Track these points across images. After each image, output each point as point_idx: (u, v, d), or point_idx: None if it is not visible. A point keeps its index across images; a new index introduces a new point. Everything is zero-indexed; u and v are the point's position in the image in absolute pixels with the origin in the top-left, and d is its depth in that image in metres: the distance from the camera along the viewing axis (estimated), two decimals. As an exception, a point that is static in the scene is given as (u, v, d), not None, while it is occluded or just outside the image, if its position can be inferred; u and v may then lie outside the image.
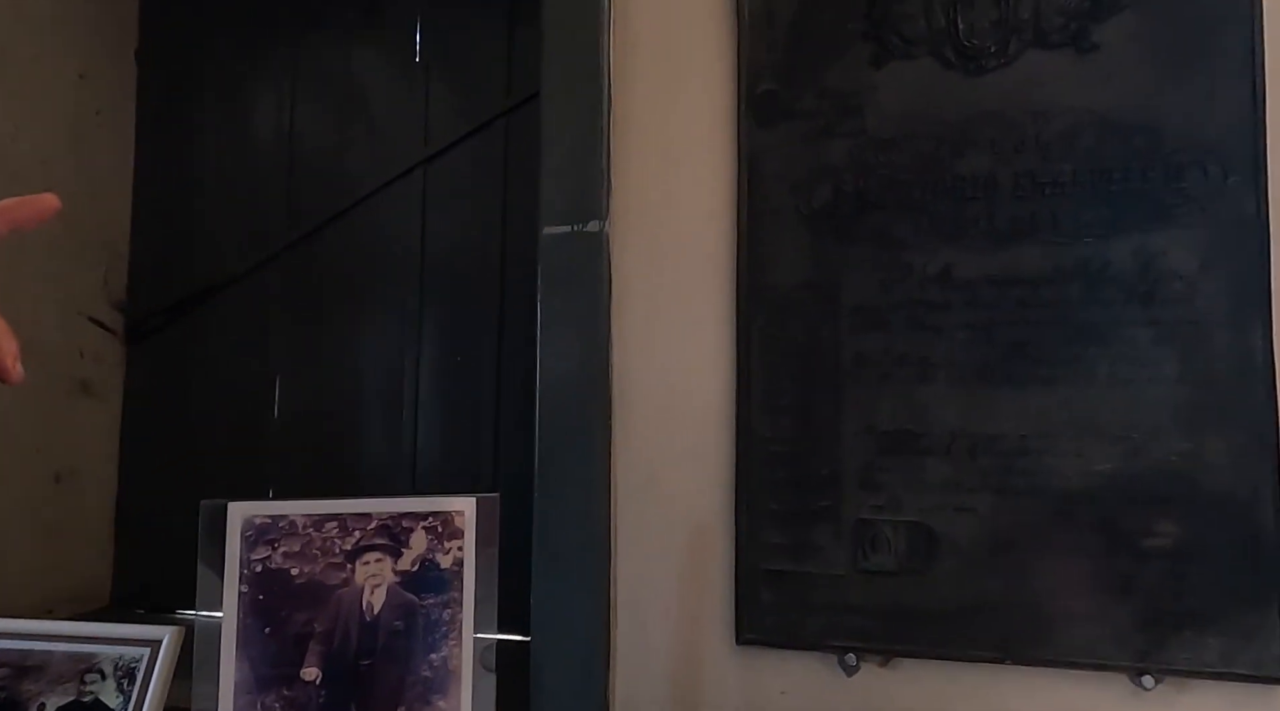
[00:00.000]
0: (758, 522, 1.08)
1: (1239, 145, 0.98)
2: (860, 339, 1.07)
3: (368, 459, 1.57)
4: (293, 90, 1.69)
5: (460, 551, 1.00)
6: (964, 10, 1.07)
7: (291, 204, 1.67)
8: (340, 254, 1.64)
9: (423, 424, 1.55)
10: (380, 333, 1.61)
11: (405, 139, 1.62)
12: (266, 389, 1.64)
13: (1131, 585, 0.96)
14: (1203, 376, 0.97)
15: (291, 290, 1.66)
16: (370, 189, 1.63)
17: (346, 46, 1.67)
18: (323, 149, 1.67)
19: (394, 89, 1.64)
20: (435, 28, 1.63)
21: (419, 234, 1.61)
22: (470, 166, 1.59)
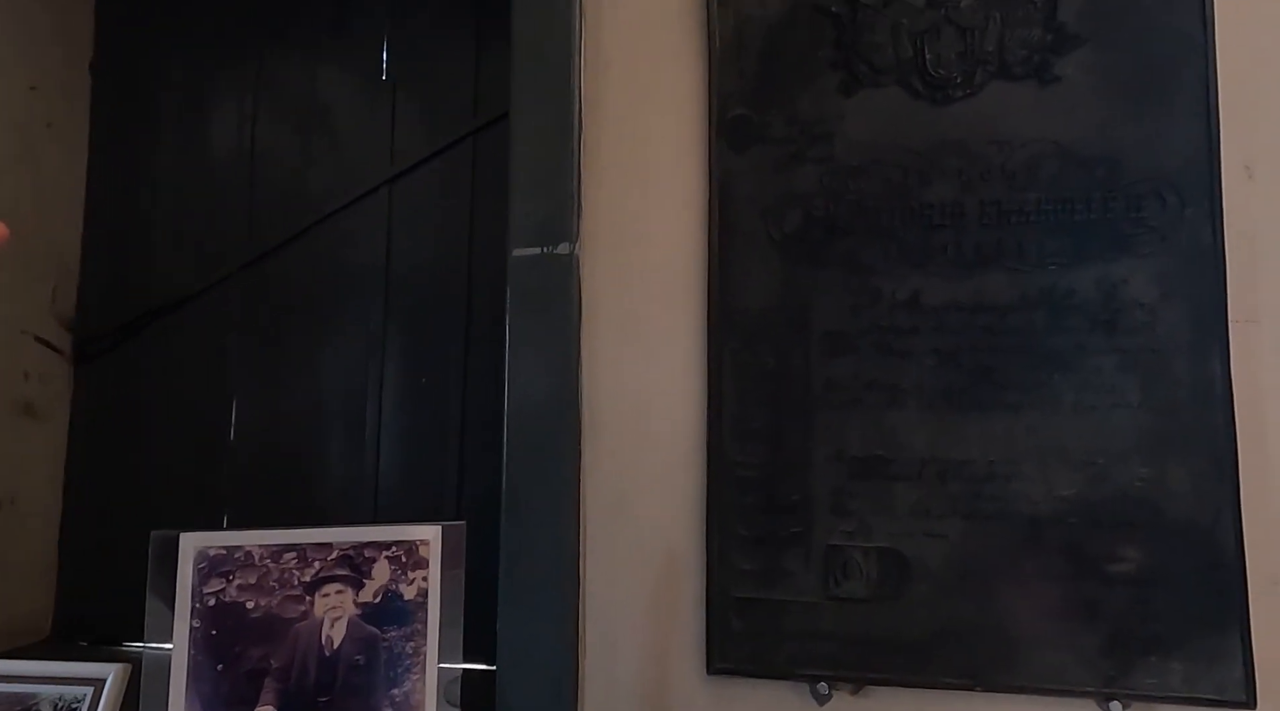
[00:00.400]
0: (728, 549, 1.06)
1: (1195, 177, 1.01)
2: (831, 364, 1.07)
3: (328, 484, 1.53)
4: (254, 105, 1.65)
5: (425, 582, 0.98)
6: (931, 41, 1.08)
7: (252, 221, 1.63)
8: (302, 273, 1.60)
9: (385, 447, 1.52)
10: (342, 354, 1.57)
11: (370, 157, 1.60)
12: (222, 411, 1.59)
13: (1098, 610, 0.97)
14: (1164, 403, 0.99)
15: (250, 309, 1.61)
16: (334, 207, 1.59)
17: (311, 62, 1.65)
18: (285, 166, 1.64)
19: (359, 106, 1.62)
20: (402, 45, 1.61)
21: (384, 253, 1.58)
22: (437, 186, 1.57)
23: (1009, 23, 1.07)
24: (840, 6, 1.11)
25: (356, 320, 1.57)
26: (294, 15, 1.65)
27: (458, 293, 1.52)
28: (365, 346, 1.56)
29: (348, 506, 1.50)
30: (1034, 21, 1.06)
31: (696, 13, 1.15)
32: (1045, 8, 1.06)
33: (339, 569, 0.95)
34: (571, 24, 1.18)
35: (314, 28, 1.65)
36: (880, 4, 1.10)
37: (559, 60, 1.18)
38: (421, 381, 1.54)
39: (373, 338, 1.56)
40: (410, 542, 0.98)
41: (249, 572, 0.93)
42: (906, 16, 1.09)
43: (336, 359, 1.57)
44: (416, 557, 0.98)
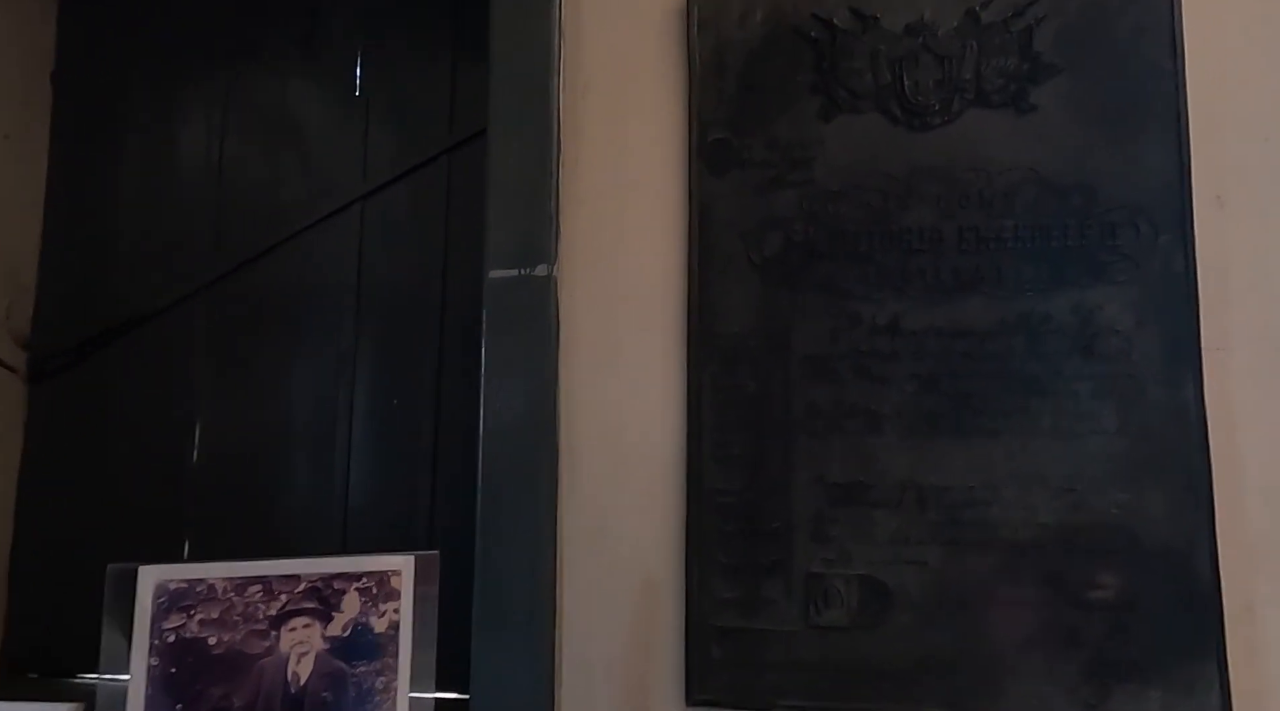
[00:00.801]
0: (708, 576, 1.05)
1: (1168, 205, 1.03)
2: (811, 388, 1.06)
3: (294, 508, 1.48)
4: (223, 120, 1.62)
5: (396, 614, 0.95)
6: (909, 68, 1.09)
7: (218, 237, 1.59)
8: (270, 291, 1.57)
9: (355, 471, 1.48)
10: (310, 374, 1.53)
11: (342, 173, 1.57)
12: (185, 433, 1.54)
13: (1077, 638, 0.97)
14: (1140, 429, 0.99)
15: (215, 328, 1.57)
16: (304, 224, 1.56)
17: (282, 77, 1.62)
18: (254, 181, 1.60)
19: (332, 122, 1.59)
20: (376, 61, 1.59)
21: (355, 271, 1.55)
22: (410, 203, 1.54)
23: (986, 51, 1.08)
24: (820, 32, 1.11)
25: (326, 340, 1.53)
26: (265, 29, 1.62)
27: (431, 313, 1.50)
28: (335, 367, 1.52)
29: (315, 532, 1.45)
30: (1010, 50, 1.07)
31: (677, 35, 1.15)
32: (1021, 37, 1.07)
33: (306, 602, 0.92)
34: (551, 44, 1.17)
35: (285, 42, 1.62)
36: (859, 30, 1.11)
37: (538, 80, 1.17)
38: (393, 403, 1.51)
39: (343, 358, 1.52)
40: (381, 573, 0.96)
41: (211, 607, 0.89)
42: (885, 43, 1.10)
43: (305, 379, 1.53)
44: (388, 589, 0.95)
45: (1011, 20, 1.07)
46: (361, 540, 1.43)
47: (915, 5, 1.10)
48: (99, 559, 0.90)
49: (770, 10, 1.13)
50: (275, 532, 1.48)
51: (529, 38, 1.18)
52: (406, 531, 1.42)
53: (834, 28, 1.11)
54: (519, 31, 1.18)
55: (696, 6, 1.14)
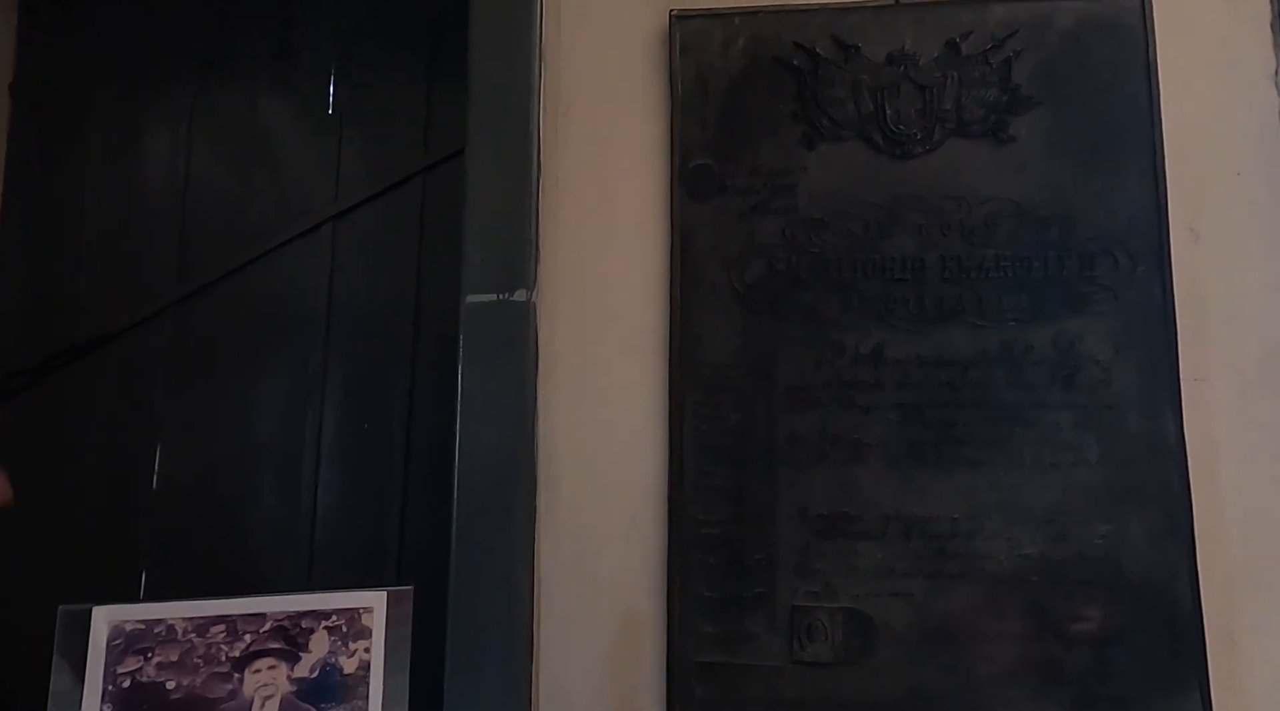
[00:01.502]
0: (690, 610, 1.02)
1: (1144, 237, 1.04)
2: (794, 418, 1.05)
3: (258, 537, 1.43)
4: (189, 135, 1.58)
5: (367, 653, 0.91)
6: (890, 98, 1.09)
7: (184, 255, 1.54)
8: (237, 311, 1.52)
9: (323, 499, 1.43)
10: (278, 397, 1.49)
11: (314, 192, 1.53)
12: (145, 457, 1.48)
13: (1062, 671, 0.96)
14: (1121, 460, 1.00)
15: (179, 349, 1.52)
16: (274, 243, 1.52)
17: (252, 92, 1.58)
18: (221, 198, 1.56)
19: (303, 139, 1.56)
20: (350, 78, 1.56)
21: (326, 292, 1.51)
22: (384, 224, 1.51)
23: (966, 82, 1.08)
24: (802, 60, 1.11)
25: (294, 362, 1.49)
26: (234, 43, 1.59)
27: (404, 336, 1.46)
28: (303, 390, 1.48)
29: (280, 562, 1.40)
30: (990, 82, 1.08)
31: (658, 61, 1.14)
32: (1000, 69, 1.08)
33: (272, 642, 0.88)
34: (531, 66, 1.16)
35: (256, 57, 1.59)
36: (841, 60, 1.11)
37: (518, 102, 1.16)
38: (364, 427, 1.47)
39: (311, 381, 1.48)
40: (352, 611, 0.92)
41: (170, 649, 0.85)
42: (867, 73, 1.10)
43: (271, 403, 1.49)
44: (359, 627, 0.91)
45: (991, 52, 1.08)
46: (329, 571, 1.38)
47: (896, 35, 1.10)
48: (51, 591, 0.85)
49: (752, 37, 1.12)
50: (238, 562, 1.42)
51: (509, 60, 1.16)
52: (376, 563, 1.38)
53: (816, 56, 1.11)
54: (499, 53, 1.17)
55: (679, 32, 1.13)
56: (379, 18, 1.56)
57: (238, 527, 1.44)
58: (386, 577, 1.36)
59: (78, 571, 1.42)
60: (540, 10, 1.17)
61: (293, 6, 1.59)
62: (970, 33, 1.09)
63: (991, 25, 1.09)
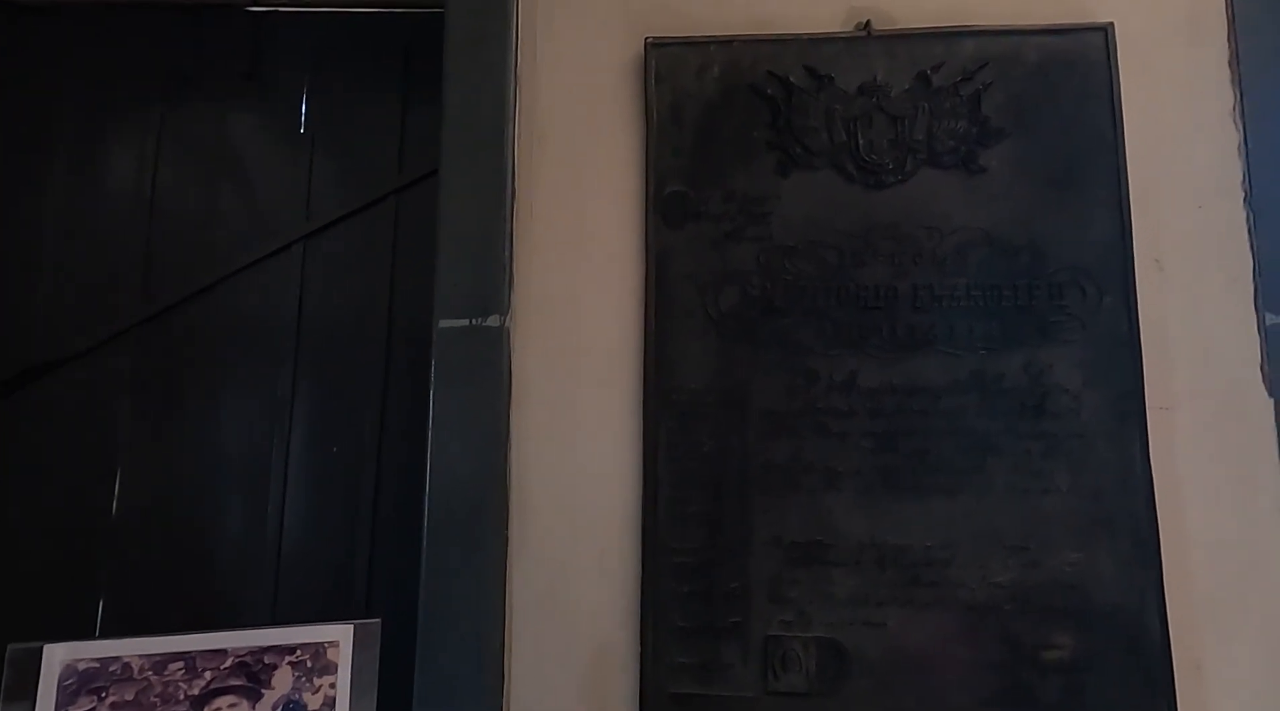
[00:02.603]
0: (664, 640, 1.01)
1: (1110, 268, 1.06)
2: (768, 446, 1.05)
3: (222, 564, 1.40)
4: (156, 153, 1.55)
5: (333, 689, 0.89)
6: (863, 127, 1.10)
7: (149, 275, 1.51)
8: (203, 332, 1.49)
9: (290, 525, 1.40)
10: (244, 420, 1.46)
11: (284, 212, 1.51)
12: (104, 483, 1.44)
13: (1034, 699, 0.97)
14: (1090, 488, 1.01)
15: (141, 371, 1.48)
16: (242, 263, 1.50)
17: (221, 111, 1.56)
18: (188, 217, 1.53)
19: (274, 158, 1.54)
20: (322, 97, 1.55)
21: (295, 314, 1.49)
22: (356, 245, 1.50)
23: (937, 113, 1.10)
24: (775, 89, 1.12)
25: (262, 385, 1.46)
26: (204, 61, 1.57)
27: (375, 359, 1.44)
28: (270, 413, 1.45)
29: (245, 592, 1.37)
30: (960, 114, 1.10)
31: (634, 88, 1.14)
32: (970, 101, 1.10)
33: (233, 679, 0.85)
34: (506, 90, 1.16)
35: (226, 75, 1.57)
36: (814, 89, 1.12)
37: (492, 126, 1.15)
38: (333, 452, 1.44)
39: (279, 404, 1.45)
40: (317, 645, 0.90)
41: (126, 688, 0.82)
42: (839, 103, 1.11)
43: (238, 426, 1.45)
44: (324, 662, 0.89)
45: (961, 84, 1.10)
46: (295, 600, 1.35)
47: (868, 66, 1.12)
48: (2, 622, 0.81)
49: (727, 66, 1.13)
50: (201, 591, 1.38)
51: (483, 84, 1.16)
52: (345, 592, 1.35)
53: (790, 85, 1.12)
54: (473, 77, 1.16)
55: (654, 59, 1.13)
56: (352, 38, 1.55)
57: (201, 555, 1.40)
58: (355, 607, 1.33)
59: (30, 601, 1.37)
60: (516, 35, 1.17)
61: (264, 25, 1.57)
62: (941, 65, 1.11)
63: (962, 58, 1.10)
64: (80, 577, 1.39)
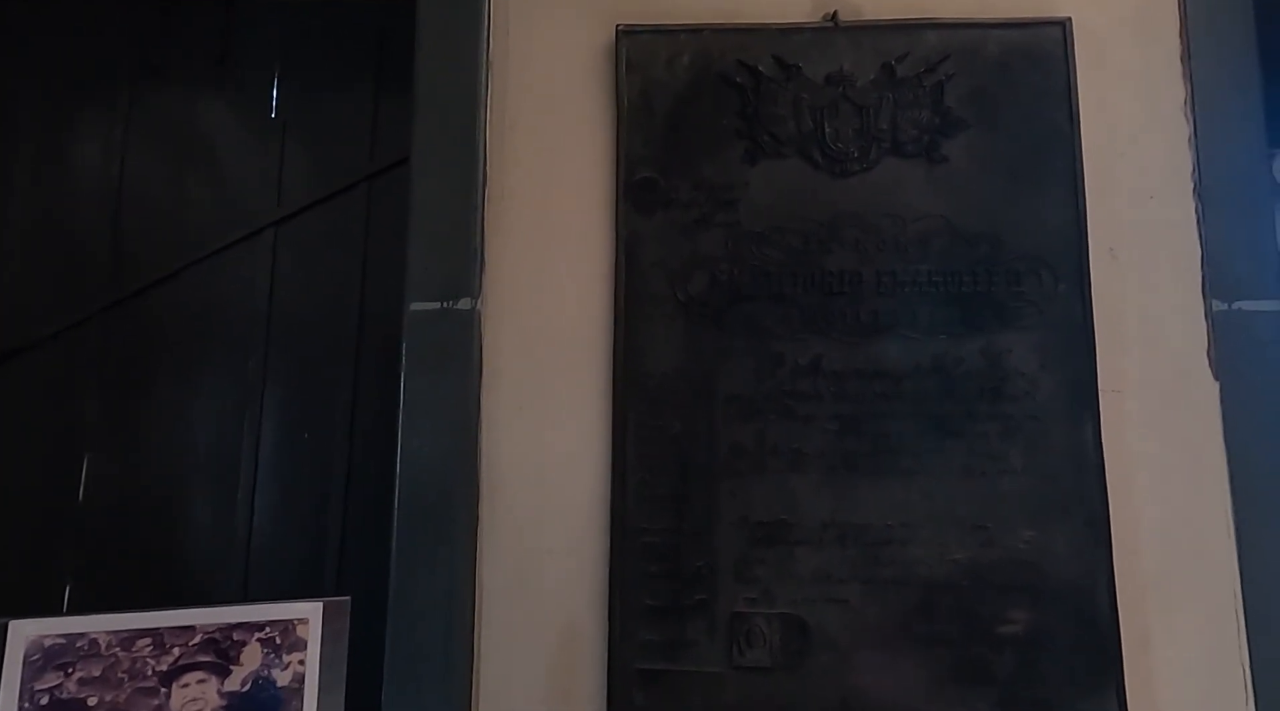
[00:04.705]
0: (631, 619, 1.03)
1: (1067, 255, 1.09)
2: (735, 428, 1.07)
3: (191, 550, 1.39)
4: (124, 138, 1.53)
5: (302, 665, 0.89)
6: (830, 116, 1.13)
7: (117, 260, 1.50)
8: (172, 318, 1.48)
9: (260, 510, 1.40)
10: (214, 406, 1.45)
11: (255, 197, 1.51)
12: (71, 468, 1.43)
13: (989, 673, 1.00)
14: (1045, 469, 1.04)
15: (109, 356, 1.47)
16: (212, 248, 1.49)
17: (191, 96, 1.55)
18: (157, 202, 1.52)
19: (245, 144, 1.53)
20: (294, 82, 1.54)
21: (266, 299, 1.48)
22: (327, 231, 1.49)
23: (901, 104, 1.12)
24: (745, 78, 1.14)
25: (232, 370, 1.46)
26: (173, 45, 1.55)
27: (346, 344, 1.44)
28: (241, 399, 1.44)
29: (214, 578, 1.37)
30: (923, 104, 1.12)
31: (605, 75, 1.15)
32: (933, 92, 1.12)
33: (202, 655, 0.86)
34: (478, 77, 1.16)
35: (196, 59, 1.56)
36: (782, 79, 1.14)
37: (464, 112, 1.16)
38: (304, 437, 1.44)
39: (250, 390, 1.45)
40: (286, 622, 0.90)
41: (93, 664, 0.82)
42: (807, 92, 1.14)
43: (208, 412, 1.45)
44: (293, 639, 0.90)
45: (924, 75, 1.13)
46: (265, 585, 1.35)
47: (835, 57, 1.14)
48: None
49: (697, 55, 1.15)
50: (169, 577, 1.38)
51: (455, 70, 1.16)
52: (315, 576, 1.35)
53: (758, 74, 1.14)
54: (445, 64, 1.17)
55: (625, 47, 1.15)
56: (324, 23, 1.55)
57: (170, 541, 1.40)
58: (325, 591, 1.33)
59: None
60: (488, 22, 1.17)
61: (234, 10, 1.56)
62: (905, 56, 1.13)
63: (925, 50, 1.13)
64: (46, 564, 1.38)
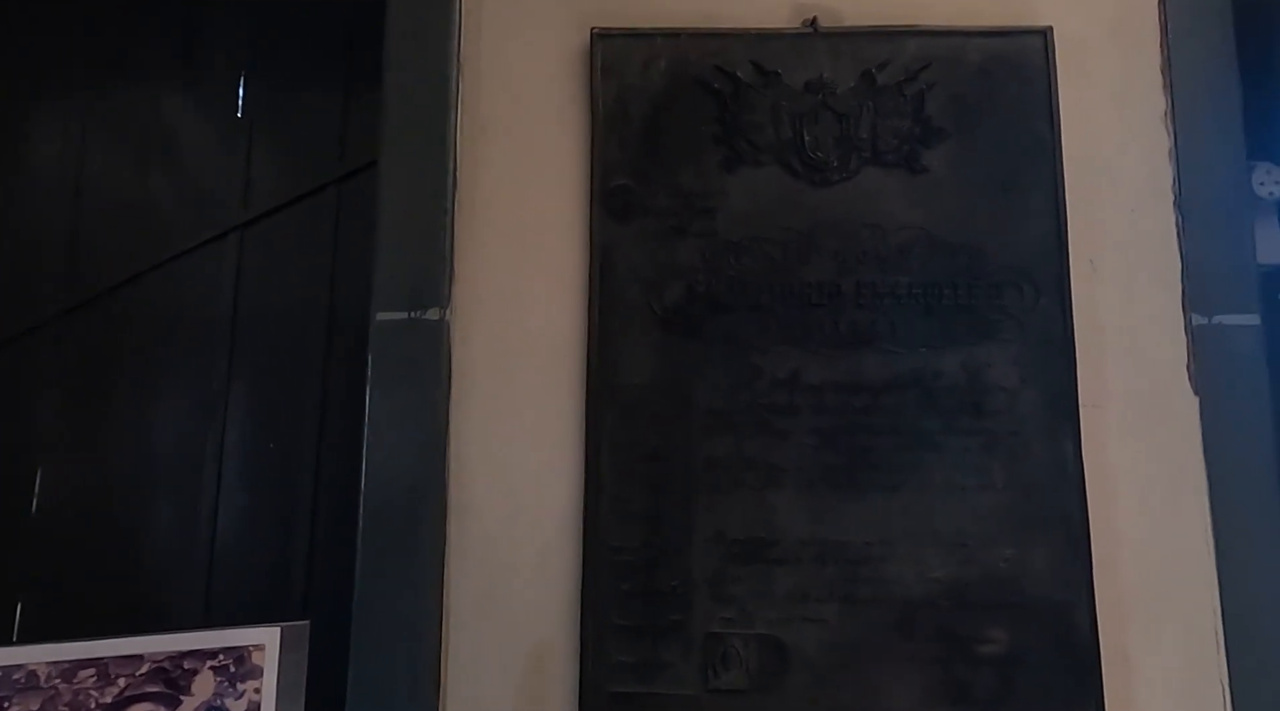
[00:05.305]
0: (604, 640, 1.00)
1: (1048, 268, 1.07)
2: (711, 443, 1.04)
3: (151, 567, 1.35)
4: (83, 135, 1.49)
5: (257, 694, 0.86)
6: (809, 124, 1.10)
7: (74, 264, 1.45)
8: (133, 322, 1.44)
9: (224, 524, 1.36)
10: (176, 414, 1.41)
11: (221, 198, 1.47)
12: (23, 479, 1.38)
13: (969, 693, 0.98)
14: (1025, 484, 1.02)
15: (66, 362, 1.42)
16: (176, 251, 1.44)
17: (154, 92, 1.50)
18: (119, 203, 1.48)
19: (210, 144, 1.49)
20: (261, 82, 1.50)
21: (231, 304, 1.44)
22: (296, 234, 1.46)
23: (881, 112, 1.10)
24: (722, 84, 1.11)
25: (195, 378, 1.41)
26: (135, 41, 1.51)
27: (315, 352, 1.40)
28: (204, 408, 1.40)
29: (175, 595, 1.32)
30: (904, 113, 1.10)
31: (580, 79, 1.12)
32: (914, 101, 1.10)
33: (150, 685, 0.82)
34: (448, 79, 1.13)
35: (159, 56, 1.51)
36: (761, 85, 1.11)
37: (434, 115, 1.12)
38: (269, 448, 1.40)
39: (214, 398, 1.40)
40: (241, 649, 0.86)
41: (31, 697, 0.78)
42: (786, 99, 1.11)
43: (169, 421, 1.40)
44: (248, 666, 0.86)
45: (905, 84, 1.11)
46: (229, 602, 1.31)
47: (815, 64, 1.12)
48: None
49: (674, 59, 1.12)
50: (129, 592, 1.34)
51: (426, 72, 1.13)
52: (281, 594, 1.31)
53: (736, 80, 1.11)
54: (415, 66, 1.13)
55: (600, 51, 1.12)
56: (292, 22, 1.51)
57: (128, 556, 1.35)
58: (291, 611, 1.29)
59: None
60: (459, 23, 1.14)
61: (199, 6, 1.52)
62: (886, 64, 1.11)
63: (905, 58, 1.11)
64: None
